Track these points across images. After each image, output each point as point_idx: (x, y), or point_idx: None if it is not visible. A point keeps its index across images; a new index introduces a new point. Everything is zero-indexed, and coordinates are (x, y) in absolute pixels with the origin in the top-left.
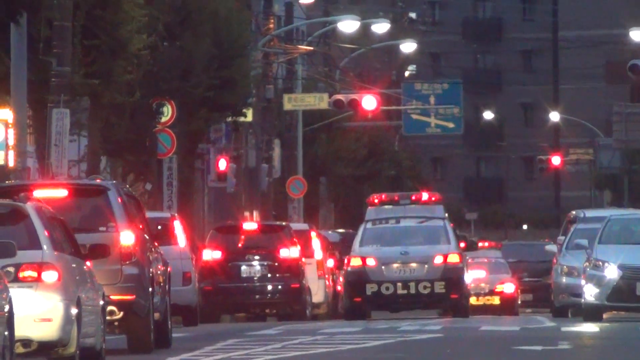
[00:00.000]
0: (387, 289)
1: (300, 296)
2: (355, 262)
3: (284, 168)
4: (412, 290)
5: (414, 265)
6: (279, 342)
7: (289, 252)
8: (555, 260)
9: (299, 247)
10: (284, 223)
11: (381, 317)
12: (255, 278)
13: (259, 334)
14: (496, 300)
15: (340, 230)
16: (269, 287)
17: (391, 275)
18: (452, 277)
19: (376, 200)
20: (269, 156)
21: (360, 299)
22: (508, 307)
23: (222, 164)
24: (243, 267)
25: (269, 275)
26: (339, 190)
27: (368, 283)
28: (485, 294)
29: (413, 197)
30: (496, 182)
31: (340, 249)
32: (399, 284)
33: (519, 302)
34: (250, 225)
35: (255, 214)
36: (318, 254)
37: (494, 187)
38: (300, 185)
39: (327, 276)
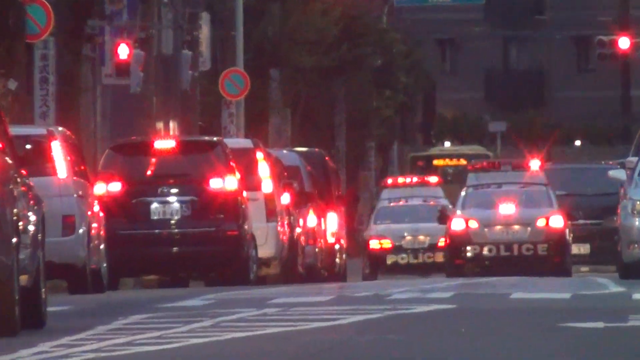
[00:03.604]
0: (490, 250)
1: (240, 248)
2: (458, 224)
3: (216, 56)
4: (515, 252)
5: (516, 227)
6: (209, 318)
7: (223, 183)
8: (623, 193)
9: (238, 176)
10: (215, 139)
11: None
12: (173, 222)
13: (178, 305)
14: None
15: (301, 149)
16: (194, 235)
17: (494, 237)
18: (555, 239)
19: (477, 167)
20: (193, 39)
21: (462, 261)
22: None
23: (123, 51)
24: (154, 206)
25: (194, 217)
26: (299, 90)
27: (470, 245)
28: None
29: (513, 164)
30: (534, 77)
31: (301, 177)
32: (502, 246)
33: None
34: (165, 142)
35: (172, 125)
36: (267, 185)
37: (531, 85)
38: (241, 81)
39: (280, 219)
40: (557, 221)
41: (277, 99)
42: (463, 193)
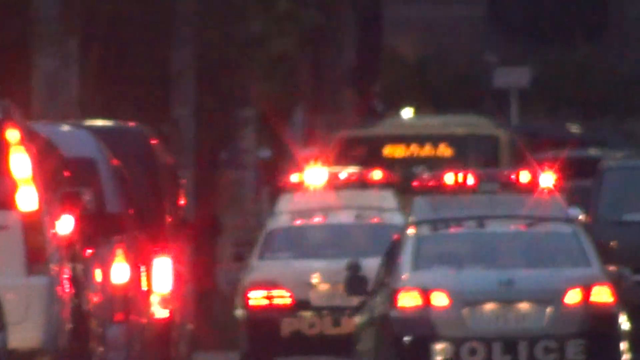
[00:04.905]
0: (473, 352)
1: None
2: (410, 299)
3: None
4: (522, 356)
5: (524, 306)
6: None
7: None
8: None
9: None
10: None
11: None
12: None
13: None
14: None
15: (101, 123)
16: None
17: (482, 325)
18: (600, 328)
19: (430, 184)
20: None
21: None
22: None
23: None
24: None
25: None
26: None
27: (436, 341)
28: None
29: (503, 179)
30: None
31: (100, 181)
32: (497, 344)
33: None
34: None
35: None
36: (28, 197)
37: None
38: None
39: (55, 268)
40: (603, 294)
41: (52, 20)
42: (411, 237)
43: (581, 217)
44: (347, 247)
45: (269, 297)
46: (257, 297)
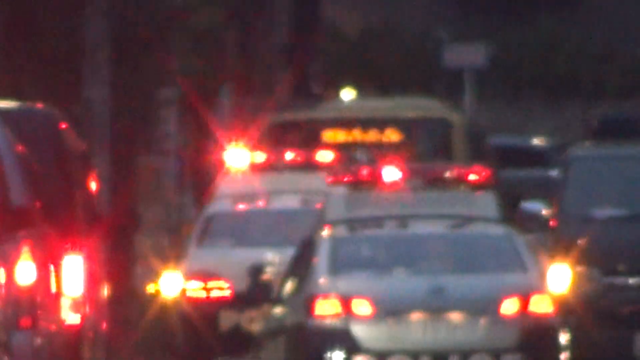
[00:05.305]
0: None
1: None
2: (329, 307)
3: None
4: None
5: (456, 317)
6: None
7: None
8: None
9: None
10: None
11: None
12: None
13: None
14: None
15: (1, 104)
16: None
17: (408, 337)
18: (540, 342)
19: (345, 179)
20: None
21: None
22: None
23: None
24: None
25: None
26: None
27: (357, 354)
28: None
29: (430, 174)
30: None
31: (1, 170)
32: (426, 358)
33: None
34: None
35: None
36: None
37: None
38: None
39: None
40: (542, 303)
41: None
42: (326, 238)
43: (544, 212)
44: (293, 235)
45: (206, 289)
46: (193, 289)
